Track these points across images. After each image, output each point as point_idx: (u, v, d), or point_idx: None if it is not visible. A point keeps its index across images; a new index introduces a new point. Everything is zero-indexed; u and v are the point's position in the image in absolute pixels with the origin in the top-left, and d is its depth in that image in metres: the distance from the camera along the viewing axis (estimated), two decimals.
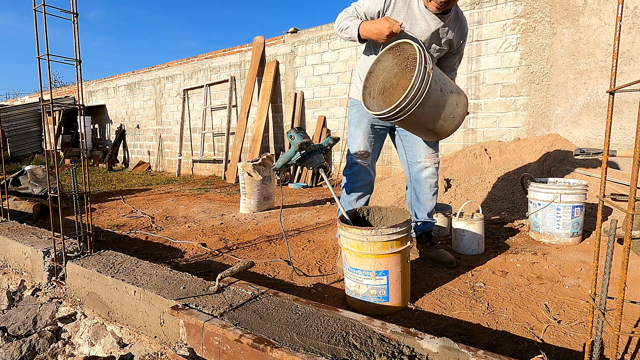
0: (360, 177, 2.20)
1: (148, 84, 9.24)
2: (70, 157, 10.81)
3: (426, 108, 1.71)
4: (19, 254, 2.37)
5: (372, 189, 2.32)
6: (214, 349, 1.36)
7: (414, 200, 2.35)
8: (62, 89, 13.13)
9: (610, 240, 0.93)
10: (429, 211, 2.33)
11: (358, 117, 2.19)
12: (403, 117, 1.71)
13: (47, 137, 8.87)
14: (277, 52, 6.64)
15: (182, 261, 2.46)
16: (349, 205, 2.24)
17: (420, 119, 1.77)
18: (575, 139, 3.95)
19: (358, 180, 2.21)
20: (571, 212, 2.54)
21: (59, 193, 2.00)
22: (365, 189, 2.25)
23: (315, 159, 2.00)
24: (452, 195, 3.72)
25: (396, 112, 1.69)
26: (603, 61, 3.76)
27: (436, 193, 2.32)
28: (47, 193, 4.40)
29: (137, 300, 1.67)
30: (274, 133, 6.84)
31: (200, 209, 4.18)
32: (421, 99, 1.65)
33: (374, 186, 2.40)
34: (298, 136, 1.97)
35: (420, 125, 1.84)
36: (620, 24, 0.84)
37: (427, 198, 2.29)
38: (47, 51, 1.88)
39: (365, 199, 2.29)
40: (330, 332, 1.27)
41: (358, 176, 2.20)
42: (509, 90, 4.35)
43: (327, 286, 2.01)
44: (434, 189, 2.29)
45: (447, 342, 1.16)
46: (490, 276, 2.08)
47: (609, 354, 1.33)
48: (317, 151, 2.01)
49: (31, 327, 1.93)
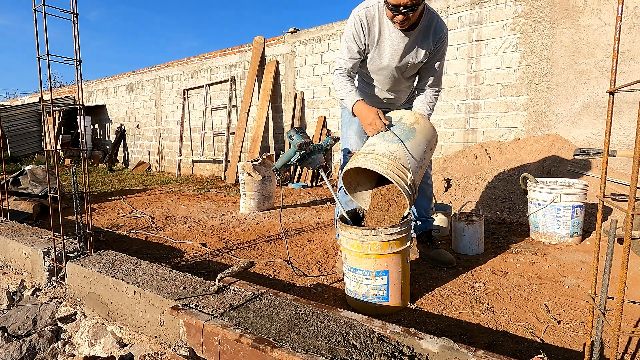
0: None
1: (148, 84, 9.24)
2: (70, 157, 10.81)
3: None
4: (19, 254, 2.37)
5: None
6: (214, 349, 1.36)
7: None
8: (62, 89, 13.13)
9: (610, 240, 0.93)
10: (426, 209, 2.35)
11: (349, 117, 2.21)
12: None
13: (47, 137, 8.88)
14: (277, 52, 6.64)
15: (182, 261, 2.46)
16: (346, 206, 2.23)
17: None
18: (575, 139, 3.95)
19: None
20: (571, 212, 2.54)
21: (59, 193, 2.00)
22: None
23: (315, 159, 2.01)
24: (452, 195, 3.72)
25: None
26: (603, 61, 3.76)
27: (431, 192, 2.34)
28: (47, 193, 4.40)
29: (137, 300, 1.67)
30: (274, 133, 6.84)
31: (200, 209, 4.18)
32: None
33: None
34: (298, 136, 1.97)
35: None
36: (620, 24, 0.84)
37: (421, 196, 2.30)
38: (47, 51, 1.88)
39: None
40: (330, 332, 1.27)
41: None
42: (509, 90, 4.35)
43: (327, 286, 2.01)
44: (429, 187, 2.32)
45: (447, 342, 1.16)
46: (490, 276, 2.08)
47: (609, 354, 1.33)
48: (317, 151, 2.01)
49: (31, 327, 1.93)
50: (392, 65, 2.03)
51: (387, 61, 2.02)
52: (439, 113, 4.88)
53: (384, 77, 2.10)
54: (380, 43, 1.98)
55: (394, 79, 2.10)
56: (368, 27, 1.94)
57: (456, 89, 4.72)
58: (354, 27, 1.95)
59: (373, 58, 2.03)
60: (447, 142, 4.87)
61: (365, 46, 1.99)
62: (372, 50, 2.01)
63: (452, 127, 4.81)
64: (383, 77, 2.11)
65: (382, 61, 2.03)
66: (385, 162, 1.70)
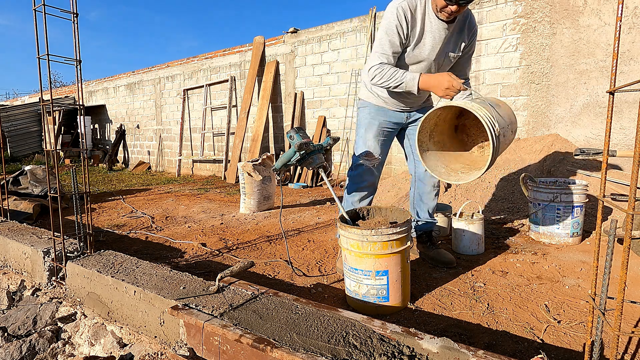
0: (365, 178, 2.20)
1: (148, 84, 9.24)
2: (70, 157, 10.81)
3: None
4: (19, 254, 2.37)
5: (375, 190, 2.32)
6: (214, 349, 1.36)
7: (417, 200, 2.36)
8: (62, 89, 13.13)
9: (610, 240, 0.93)
10: (431, 211, 2.35)
11: (369, 119, 2.18)
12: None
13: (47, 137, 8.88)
14: (277, 52, 6.64)
15: (182, 261, 2.46)
16: (352, 206, 2.22)
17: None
18: (575, 139, 3.95)
19: (362, 181, 2.20)
20: (571, 212, 2.54)
21: (59, 193, 2.00)
22: (369, 190, 2.25)
23: (315, 159, 2.00)
24: (452, 195, 3.72)
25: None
26: (603, 61, 3.76)
27: (438, 193, 2.34)
28: (47, 193, 4.40)
29: (137, 300, 1.67)
30: (274, 133, 6.84)
31: (200, 209, 4.18)
32: (495, 160, 1.70)
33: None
34: (298, 136, 1.97)
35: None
36: (620, 24, 0.84)
37: (430, 197, 2.31)
38: (47, 51, 1.88)
39: (368, 200, 2.28)
40: (330, 332, 1.27)
41: (363, 177, 2.20)
42: (509, 90, 4.35)
43: (327, 286, 2.01)
44: (436, 189, 2.31)
45: (447, 342, 1.16)
46: (490, 276, 2.08)
47: (609, 354, 1.33)
48: (317, 151, 2.01)
49: (31, 327, 1.93)
50: (432, 57, 1.98)
51: (427, 53, 1.97)
52: None
53: (418, 71, 2.02)
54: (422, 35, 1.94)
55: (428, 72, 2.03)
56: (411, 18, 1.88)
57: None
58: (397, 18, 1.87)
59: (413, 50, 1.97)
60: None
61: (407, 39, 1.92)
62: (413, 42, 1.94)
63: None
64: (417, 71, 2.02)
65: (422, 54, 1.97)
66: (483, 110, 1.60)
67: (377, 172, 2.23)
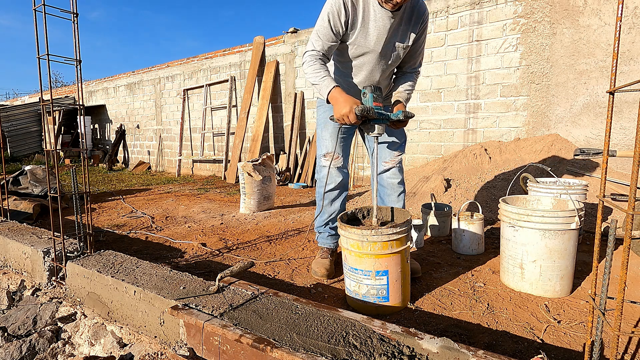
0: (331, 179, 2.12)
1: (148, 84, 9.24)
2: (70, 157, 10.81)
3: None
4: (19, 253, 2.37)
5: (347, 189, 2.23)
6: (214, 349, 1.36)
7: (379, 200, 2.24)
8: (62, 89, 13.13)
9: (610, 240, 0.93)
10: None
11: (325, 117, 2.11)
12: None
13: (47, 137, 8.88)
14: (277, 52, 6.64)
15: (182, 261, 2.46)
16: (325, 211, 2.15)
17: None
18: (575, 139, 3.95)
19: (330, 182, 2.13)
20: None
21: (59, 193, 2.00)
22: (339, 190, 2.17)
23: (373, 128, 1.78)
24: (452, 195, 3.72)
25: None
26: (603, 61, 3.76)
27: (402, 195, 2.16)
28: (47, 193, 4.40)
29: (137, 300, 1.67)
30: (274, 133, 6.84)
31: (200, 209, 4.18)
32: None
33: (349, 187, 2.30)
34: (366, 99, 1.74)
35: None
36: (620, 24, 0.84)
37: (391, 200, 2.15)
38: (47, 51, 1.88)
39: (340, 201, 2.20)
40: (330, 332, 1.27)
41: (330, 179, 2.12)
42: (509, 90, 4.35)
43: (327, 286, 2.01)
44: (397, 190, 2.14)
45: (447, 342, 1.16)
46: (490, 276, 2.08)
47: (609, 354, 1.33)
48: (381, 121, 1.78)
49: (31, 327, 1.93)
50: (378, 49, 1.88)
51: (372, 44, 1.86)
52: (439, 113, 4.88)
53: (365, 65, 1.95)
54: (365, 24, 1.83)
55: (376, 67, 1.96)
56: (352, 5, 1.78)
57: (456, 89, 4.72)
58: (335, 4, 1.77)
59: (356, 41, 1.87)
60: (447, 142, 4.87)
61: (345, 27, 1.82)
62: (356, 32, 1.84)
63: (452, 127, 4.81)
64: (364, 66, 1.95)
65: (368, 44, 1.87)
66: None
67: (343, 171, 2.14)
